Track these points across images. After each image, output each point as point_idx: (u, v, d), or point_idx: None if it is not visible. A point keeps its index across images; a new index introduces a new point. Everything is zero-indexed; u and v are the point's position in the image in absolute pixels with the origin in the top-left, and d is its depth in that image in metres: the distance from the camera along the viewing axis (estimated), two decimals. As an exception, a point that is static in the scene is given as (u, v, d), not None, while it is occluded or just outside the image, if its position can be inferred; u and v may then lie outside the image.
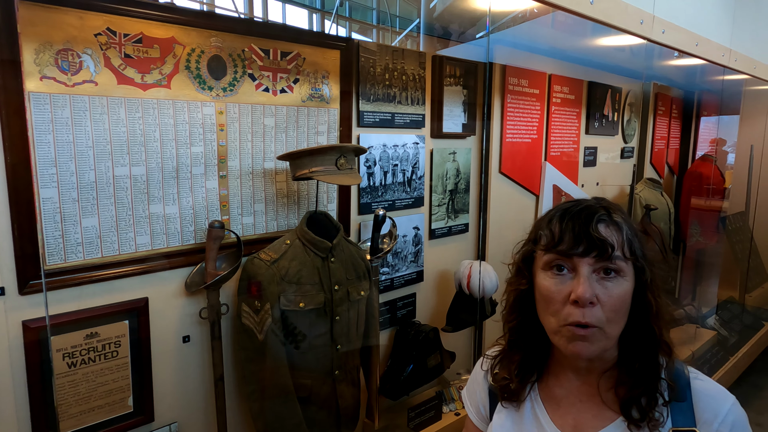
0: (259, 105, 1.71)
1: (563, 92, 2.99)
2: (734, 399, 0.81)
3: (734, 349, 3.60)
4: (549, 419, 0.88)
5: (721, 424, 0.78)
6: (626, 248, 0.79)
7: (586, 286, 0.76)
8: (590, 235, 0.77)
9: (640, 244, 0.81)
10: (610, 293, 0.77)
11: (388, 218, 2.03)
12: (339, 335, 1.67)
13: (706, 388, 0.82)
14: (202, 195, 1.62)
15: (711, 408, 0.79)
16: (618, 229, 0.80)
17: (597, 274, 0.78)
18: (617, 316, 0.78)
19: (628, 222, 0.82)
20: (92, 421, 1.48)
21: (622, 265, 0.78)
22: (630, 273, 0.79)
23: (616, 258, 0.77)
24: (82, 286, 1.42)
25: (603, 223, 0.79)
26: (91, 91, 1.37)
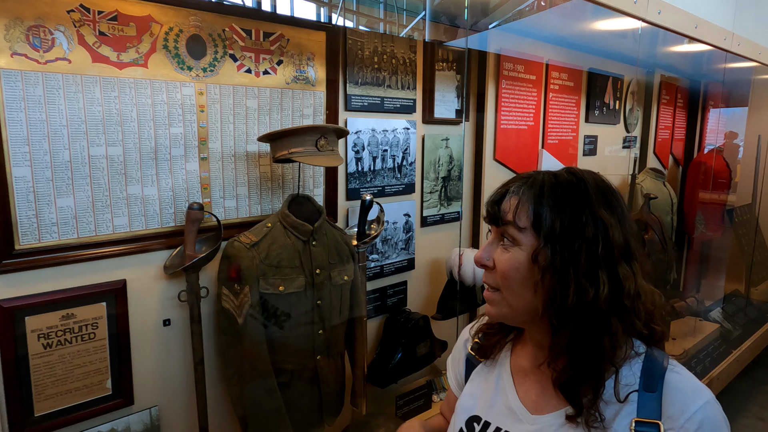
0: (241, 86, 1.69)
1: (561, 79, 2.94)
2: (710, 398, 0.74)
3: (737, 343, 3.53)
4: (514, 391, 0.86)
5: (688, 421, 0.71)
6: (521, 219, 0.77)
7: (482, 249, 0.82)
8: (488, 209, 0.82)
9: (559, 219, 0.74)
10: (500, 258, 0.79)
11: (375, 204, 2.00)
12: (320, 320, 1.65)
13: (680, 381, 0.76)
14: (182, 177, 1.60)
15: (679, 402, 0.73)
16: (516, 200, 0.78)
17: (501, 241, 0.80)
18: (509, 284, 0.78)
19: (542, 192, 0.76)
20: (69, 402, 1.47)
21: (514, 234, 0.77)
22: (528, 243, 0.76)
23: (508, 228, 0.78)
24: (57, 266, 1.41)
25: (507, 195, 0.80)
26: (65, 69, 1.35)
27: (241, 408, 1.60)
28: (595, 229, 0.73)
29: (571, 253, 0.73)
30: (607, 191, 0.78)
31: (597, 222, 0.74)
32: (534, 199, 0.76)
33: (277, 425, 1.59)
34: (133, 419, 1.59)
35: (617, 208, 0.77)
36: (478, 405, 0.89)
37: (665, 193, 3.57)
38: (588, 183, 0.77)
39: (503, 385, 0.87)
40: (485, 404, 0.87)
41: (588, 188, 0.76)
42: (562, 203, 0.75)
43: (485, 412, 0.87)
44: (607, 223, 0.74)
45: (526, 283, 0.76)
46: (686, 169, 4.28)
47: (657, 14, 1.91)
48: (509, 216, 0.78)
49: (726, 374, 3.24)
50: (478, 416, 0.87)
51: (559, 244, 0.73)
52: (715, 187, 3.98)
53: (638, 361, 0.77)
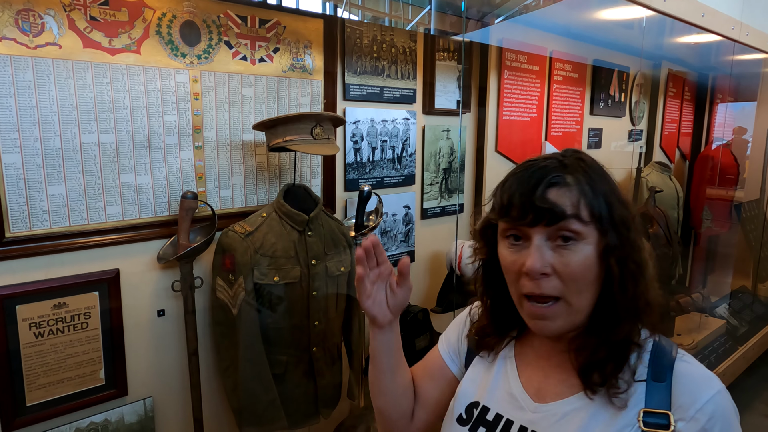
0: (237, 74, 1.66)
1: (565, 70, 2.89)
2: (722, 388, 0.71)
3: (744, 339, 3.48)
4: (517, 377, 0.83)
5: (699, 411, 0.69)
6: (583, 211, 0.70)
7: (535, 257, 0.71)
8: (536, 204, 0.70)
9: (607, 204, 0.72)
10: (567, 261, 0.71)
11: (374, 195, 1.98)
12: (316, 311, 1.63)
13: (691, 371, 0.73)
14: (176, 166, 1.58)
15: (690, 392, 0.70)
16: (572, 188, 0.71)
17: (553, 241, 0.72)
18: (579, 286, 0.71)
19: (590, 179, 0.73)
20: (62, 392, 1.45)
21: (579, 230, 0.70)
22: (593, 236, 0.71)
23: (571, 223, 0.70)
24: (49, 255, 1.39)
25: (555, 187, 0.71)
26: (55, 54, 1.33)
27: (236, 399, 1.58)
28: (622, 207, 0.74)
29: (624, 236, 0.72)
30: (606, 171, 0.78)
31: (622, 201, 0.75)
32: (589, 187, 0.72)
33: (271, 417, 1.57)
34: (127, 410, 1.57)
35: None
36: (477, 391, 0.86)
37: (671, 187, 3.52)
38: (596, 163, 0.77)
39: (506, 372, 0.85)
40: (485, 390, 0.85)
41: (603, 168, 0.77)
42: (605, 188, 0.74)
43: (485, 398, 0.84)
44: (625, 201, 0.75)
45: (594, 281, 0.73)
46: (693, 164, 4.22)
47: (662, 1, 1.86)
48: (570, 209, 0.70)
49: (732, 371, 3.19)
50: (477, 402, 0.85)
51: (615, 230, 0.72)
52: (722, 182, 3.92)
53: (645, 350, 0.75)
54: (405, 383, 0.96)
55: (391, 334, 0.91)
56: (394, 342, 0.92)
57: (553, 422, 0.75)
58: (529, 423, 0.77)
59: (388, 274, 0.88)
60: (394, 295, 0.88)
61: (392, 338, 0.91)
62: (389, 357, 0.91)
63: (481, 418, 0.83)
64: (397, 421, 0.96)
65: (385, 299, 0.88)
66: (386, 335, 0.90)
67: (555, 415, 0.75)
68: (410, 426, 0.97)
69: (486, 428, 0.81)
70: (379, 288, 0.87)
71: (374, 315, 0.87)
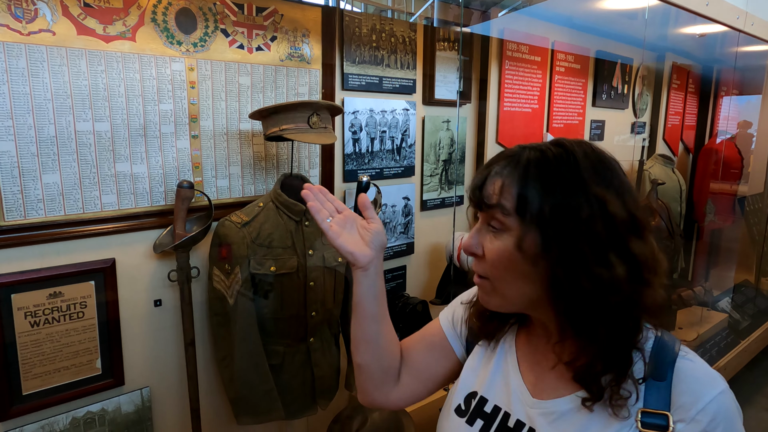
0: (234, 63, 1.65)
1: (567, 61, 2.86)
2: (725, 388, 0.68)
3: (746, 333, 3.46)
4: (517, 368, 0.81)
5: (701, 412, 0.65)
6: (507, 202, 0.69)
7: (469, 236, 0.76)
8: (474, 192, 0.75)
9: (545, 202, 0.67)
10: (489, 246, 0.73)
11: (372, 185, 1.96)
12: (313, 301, 1.62)
13: (693, 369, 0.69)
14: (172, 155, 1.57)
15: (692, 392, 0.67)
16: (503, 182, 0.71)
17: (489, 227, 0.74)
18: (500, 273, 0.72)
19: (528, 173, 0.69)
20: (58, 382, 1.45)
21: (501, 219, 0.71)
22: (516, 229, 0.69)
23: (495, 212, 0.71)
24: (44, 244, 1.39)
25: (494, 178, 0.73)
26: (49, 41, 1.32)
27: (233, 390, 1.58)
28: (590, 208, 0.66)
29: (568, 238, 0.65)
30: (599, 163, 0.69)
31: (591, 200, 0.66)
32: (519, 180, 0.69)
33: (268, 407, 1.57)
34: (124, 400, 1.57)
35: (613, 179, 0.69)
36: (476, 380, 0.84)
37: (674, 180, 3.49)
38: (578, 156, 0.68)
39: (506, 362, 0.82)
40: (484, 380, 0.83)
41: (578, 162, 0.68)
42: (551, 183, 0.67)
43: (484, 389, 0.82)
44: (603, 198, 0.66)
45: (519, 273, 0.70)
46: (696, 157, 4.19)
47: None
48: (494, 199, 0.71)
49: (734, 364, 3.17)
50: (475, 392, 0.83)
51: (551, 228, 0.66)
52: (726, 176, 3.88)
53: (648, 346, 0.71)
54: (390, 336, 0.92)
55: (375, 277, 0.87)
56: (378, 287, 0.88)
57: (550, 421, 0.72)
58: (526, 419, 0.75)
59: (354, 216, 0.90)
60: (367, 234, 0.86)
61: (377, 282, 0.88)
62: (373, 303, 0.87)
63: (479, 409, 0.81)
64: (380, 381, 0.91)
65: (360, 239, 0.86)
66: (370, 278, 0.86)
67: (552, 414, 0.73)
68: (395, 390, 0.93)
69: (484, 420, 0.80)
70: (350, 228, 0.87)
71: (351, 252, 0.84)
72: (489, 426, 0.79)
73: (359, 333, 0.90)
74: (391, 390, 0.93)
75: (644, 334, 0.71)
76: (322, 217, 0.86)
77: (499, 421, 0.78)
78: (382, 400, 0.94)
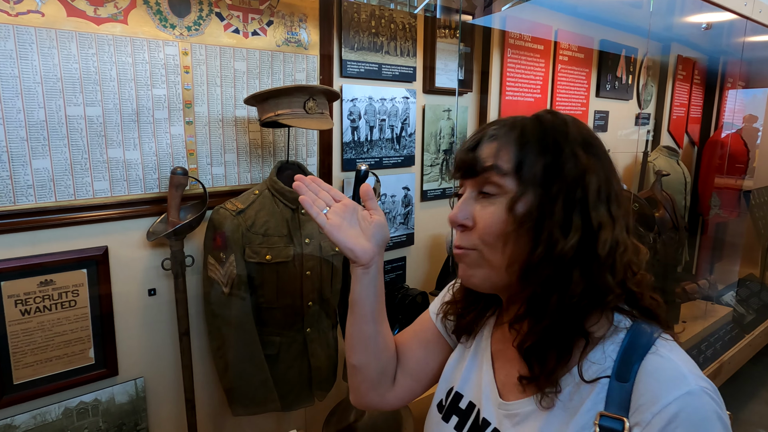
0: (229, 47, 1.61)
1: (571, 50, 2.81)
2: (694, 388, 0.58)
3: (750, 327, 3.42)
4: (490, 365, 0.77)
5: (657, 415, 0.57)
6: (504, 162, 0.67)
7: (457, 208, 0.72)
8: (463, 158, 0.71)
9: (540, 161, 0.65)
10: (480, 212, 0.69)
11: (371, 174, 1.93)
12: (310, 291, 1.59)
13: (658, 366, 0.60)
14: (166, 141, 1.54)
15: (651, 392, 0.59)
16: (499, 143, 0.68)
17: (478, 195, 0.71)
18: (491, 239, 0.67)
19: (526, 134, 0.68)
20: (50, 371, 1.43)
21: (498, 181, 0.67)
22: (512, 190, 0.67)
23: (490, 175, 0.68)
24: (34, 230, 1.36)
25: (486, 142, 0.70)
26: (38, 23, 1.29)
27: (228, 380, 1.56)
28: (575, 169, 0.64)
29: (549, 198, 0.64)
30: (588, 136, 0.69)
31: (577, 163, 0.65)
32: (516, 141, 0.67)
33: (263, 398, 1.54)
34: (118, 390, 1.55)
35: (599, 152, 0.68)
36: (455, 375, 0.82)
37: (679, 172, 3.45)
38: (570, 125, 0.68)
39: (480, 359, 0.79)
40: (461, 376, 0.80)
41: (569, 130, 0.67)
42: (546, 144, 0.66)
43: (459, 384, 0.80)
44: (586, 165, 0.65)
45: (509, 237, 0.66)
46: (702, 149, 4.13)
47: (672, -27, 1.78)
48: (490, 161, 0.68)
49: (738, 359, 3.14)
50: (452, 387, 0.81)
51: (541, 187, 0.65)
52: (732, 170, 3.83)
53: (617, 341, 0.64)
54: (388, 336, 0.88)
55: (376, 274, 0.82)
56: (378, 285, 0.83)
57: (514, 423, 0.69)
58: (494, 419, 0.72)
59: (353, 206, 0.83)
60: (369, 227, 0.80)
61: (377, 279, 0.82)
62: (373, 302, 0.82)
63: (454, 405, 0.78)
64: (376, 382, 0.88)
65: (361, 232, 0.80)
66: (371, 275, 0.81)
67: (516, 416, 0.69)
68: (391, 391, 0.90)
69: (459, 417, 0.77)
70: (351, 219, 0.81)
71: (352, 248, 0.78)
72: (463, 423, 0.76)
73: (356, 333, 0.85)
74: (387, 390, 0.90)
75: (612, 326, 0.66)
76: (316, 210, 0.80)
77: (473, 419, 0.75)
78: (378, 401, 0.91)
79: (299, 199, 0.82)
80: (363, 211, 0.83)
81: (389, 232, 0.85)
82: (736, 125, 3.96)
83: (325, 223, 0.79)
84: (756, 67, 4.09)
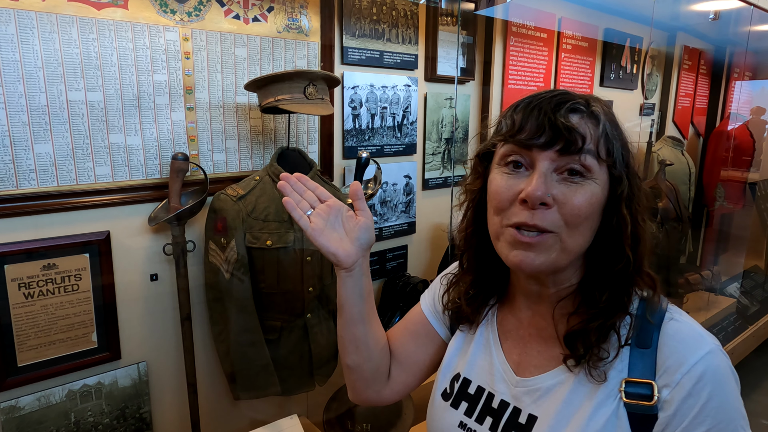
0: (229, 33, 1.61)
1: (575, 39, 2.79)
2: (714, 347, 0.63)
3: (754, 318, 3.41)
4: (500, 347, 0.77)
5: (686, 375, 0.61)
6: (602, 146, 0.64)
7: (539, 182, 0.62)
8: (556, 123, 0.62)
9: (622, 147, 0.67)
10: (572, 194, 0.63)
11: (372, 161, 1.93)
12: (310, 277, 1.60)
13: (678, 330, 0.65)
14: (167, 127, 1.54)
15: (676, 354, 0.62)
16: (595, 121, 0.65)
17: (559, 173, 0.64)
18: (579, 223, 0.64)
19: (612, 118, 0.68)
20: (54, 354, 1.44)
21: (593, 165, 0.63)
22: (603, 178, 0.65)
23: (587, 154, 0.63)
24: (37, 215, 1.37)
25: (577, 113, 0.64)
26: (38, 7, 1.29)
27: (229, 364, 1.57)
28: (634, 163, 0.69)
29: (632, 190, 0.67)
30: None
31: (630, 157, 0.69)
32: (611, 127, 0.66)
33: (264, 382, 1.56)
34: (121, 373, 1.57)
35: None
36: (459, 362, 0.82)
37: (683, 162, 3.43)
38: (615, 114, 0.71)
39: (487, 342, 0.79)
40: (466, 361, 0.80)
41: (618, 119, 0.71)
42: (622, 135, 0.68)
43: (466, 370, 0.80)
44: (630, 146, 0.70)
45: (594, 222, 0.66)
46: (707, 140, 4.10)
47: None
48: (591, 141, 0.64)
49: (741, 349, 3.13)
50: (459, 374, 0.80)
51: (628, 179, 0.66)
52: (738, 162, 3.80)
53: (631, 311, 0.68)
54: (379, 334, 0.88)
55: (360, 277, 0.81)
56: (364, 286, 0.82)
57: (535, 398, 0.70)
58: (511, 398, 0.72)
59: (338, 207, 0.81)
60: (354, 229, 0.79)
61: (362, 282, 0.81)
62: (360, 304, 0.82)
63: (462, 391, 0.78)
64: (371, 380, 0.88)
65: (345, 235, 0.79)
66: (354, 278, 0.80)
67: (537, 391, 0.70)
68: (386, 387, 0.90)
69: (468, 402, 0.77)
70: (334, 221, 0.79)
71: (334, 252, 0.77)
72: (473, 408, 0.76)
73: (346, 335, 0.85)
74: (383, 387, 0.90)
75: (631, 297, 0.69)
76: (299, 213, 0.78)
77: (483, 403, 0.75)
78: (375, 397, 0.91)
79: (283, 201, 0.79)
80: (349, 212, 0.81)
81: (374, 235, 0.83)
82: (741, 115, 3.93)
83: (308, 226, 0.77)
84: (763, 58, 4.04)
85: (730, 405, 0.61)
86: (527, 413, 0.69)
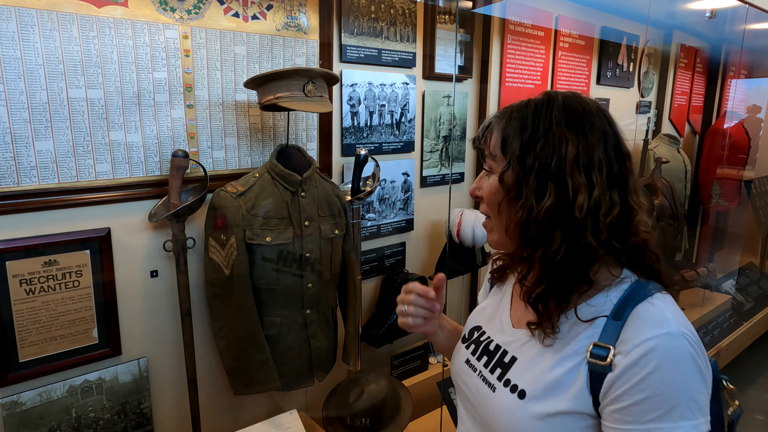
0: (229, 31, 1.62)
1: (572, 37, 2.81)
2: (675, 331, 0.66)
3: (749, 315, 3.44)
4: (509, 306, 0.91)
5: (637, 346, 0.67)
6: (495, 149, 0.79)
7: (474, 182, 0.86)
8: (474, 141, 0.85)
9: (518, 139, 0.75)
10: (484, 186, 0.84)
11: (371, 159, 1.94)
12: (309, 273, 1.61)
13: (647, 310, 0.70)
14: (167, 124, 1.55)
15: (637, 329, 0.68)
16: (495, 131, 0.80)
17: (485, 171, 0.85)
18: (492, 207, 0.82)
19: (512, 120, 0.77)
20: (55, 350, 1.46)
21: (491, 163, 0.82)
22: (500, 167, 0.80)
23: (488, 159, 0.82)
24: (38, 211, 1.38)
25: (491, 126, 0.82)
26: (39, 5, 1.30)
27: (229, 361, 1.58)
28: (545, 143, 0.73)
29: (525, 170, 0.74)
30: (575, 110, 0.75)
31: (549, 137, 0.73)
32: (503, 125, 0.79)
33: (264, 378, 1.57)
34: (121, 369, 1.58)
35: (584, 125, 0.74)
36: (482, 316, 0.96)
37: (679, 160, 3.45)
38: (556, 102, 0.75)
39: (504, 301, 0.93)
40: (487, 316, 0.94)
41: (553, 108, 0.75)
42: (524, 124, 0.76)
43: (485, 323, 0.93)
44: (563, 137, 0.72)
45: (505, 205, 0.78)
46: (703, 138, 4.13)
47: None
48: (488, 149, 0.82)
49: (736, 346, 3.16)
50: (479, 326, 0.94)
51: (518, 162, 0.75)
52: (734, 160, 3.83)
53: (620, 290, 0.75)
54: None
55: (443, 329, 1.02)
56: (447, 330, 1.03)
57: (519, 345, 0.82)
58: (504, 344, 0.86)
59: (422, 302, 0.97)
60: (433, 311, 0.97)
61: (446, 329, 1.03)
62: (451, 339, 1.03)
63: (477, 338, 0.93)
64: None
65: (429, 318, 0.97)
66: (442, 333, 1.02)
67: (521, 339, 0.82)
68: None
69: (475, 345, 0.91)
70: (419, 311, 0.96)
71: (424, 331, 0.98)
72: (477, 349, 0.91)
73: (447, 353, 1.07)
74: None
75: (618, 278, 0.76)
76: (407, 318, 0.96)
77: (484, 345, 0.90)
78: None
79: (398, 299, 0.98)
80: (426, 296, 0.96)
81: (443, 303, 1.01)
82: (737, 113, 3.95)
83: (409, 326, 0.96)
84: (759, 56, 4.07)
85: (674, 383, 0.65)
86: (511, 355, 0.83)
